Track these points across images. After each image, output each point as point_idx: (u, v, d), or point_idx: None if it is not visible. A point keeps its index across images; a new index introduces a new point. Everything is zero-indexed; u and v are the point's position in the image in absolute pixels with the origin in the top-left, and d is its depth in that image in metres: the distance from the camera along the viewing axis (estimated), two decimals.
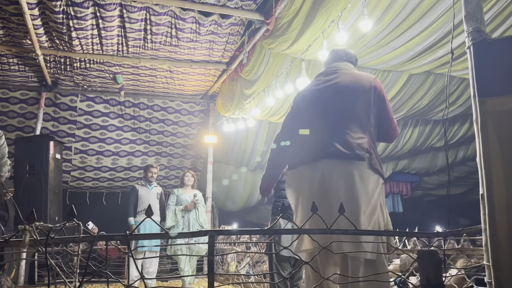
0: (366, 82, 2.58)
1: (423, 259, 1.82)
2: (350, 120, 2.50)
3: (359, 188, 2.35)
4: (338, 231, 1.95)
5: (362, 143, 2.42)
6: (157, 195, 6.17)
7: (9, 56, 5.98)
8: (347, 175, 2.38)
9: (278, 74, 5.32)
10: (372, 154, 2.41)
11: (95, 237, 1.65)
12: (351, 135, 2.45)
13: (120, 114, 7.62)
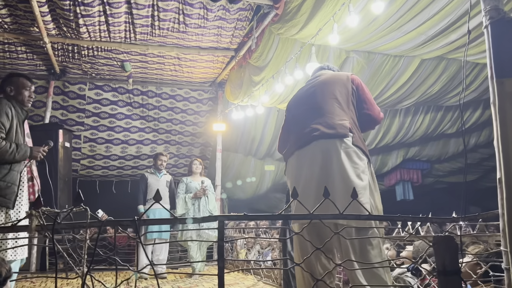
0: (343, 76, 2.83)
1: (439, 244, 1.76)
2: (332, 105, 2.70)
3: (345, 161, 2.48)
4: (350, 216, 1.90)
5: (344, 123, 2.58)
6: (167, 183, 6.19)
7: (17, 44, 5.96)
8: (334, 151, 2.53)
9: (288, 60, 5.24)
10: (355, 134, 2.57)
11: (103, 222, 1.62)
12: (334, 117, 2.63)
13: (129, 102, 7.60)
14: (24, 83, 3.34)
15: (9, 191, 3.00)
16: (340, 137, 2.54)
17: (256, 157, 9.52)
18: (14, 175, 3.07)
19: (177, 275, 6.07)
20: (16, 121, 3.20)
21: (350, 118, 2.65)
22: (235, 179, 9.72)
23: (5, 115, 3.09)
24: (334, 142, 2.55)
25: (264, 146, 9.02)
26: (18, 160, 3.09)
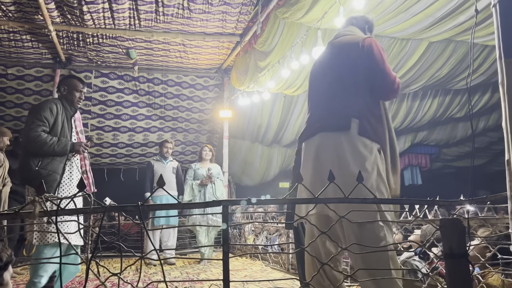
0: (354, 45, 2.55)
1: (447, 227, 1.74)
2: (338, 88, 2.54)
3: (349, 157, 2.35)
4: (356, 200, 1.89)
5: (348, 112, 2.43)
6: (173, 170, 6.23)
7: (22, 33, 5.96)
8: (338, 146, 2.41)
9: (293, 44, 5.19)
10: (363, 119, 2.41)
11: (107, 208, 1.61)
12: (336, 104, 2.50)
13: (135, 90, 7.59)
14: (76, 85, 3.55)
15: (50, 179, 3.23)
16: (342, 129, 2.42)
17: (263, 144, 9.50)
18: (56, 165, 3.30)
19: (185, 261, 6.11)
20: (62, 118, 3.42)
21: (357, 101, 2.47)
22: (242, 166, 9.73)
23: (48, 111, 3.33)
24: (336, 135, 2.44)
25: (271, 132, 9.00)
26: (58, 152, 3.30)
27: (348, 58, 2.56)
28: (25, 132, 3.31)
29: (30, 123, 3.29)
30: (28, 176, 3.25)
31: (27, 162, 3.26)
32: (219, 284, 4.12)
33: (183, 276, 4.87)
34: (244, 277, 4.61)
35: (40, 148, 3.24)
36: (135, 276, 4.84)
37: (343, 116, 2.43)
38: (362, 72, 2.49)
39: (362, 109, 2.45)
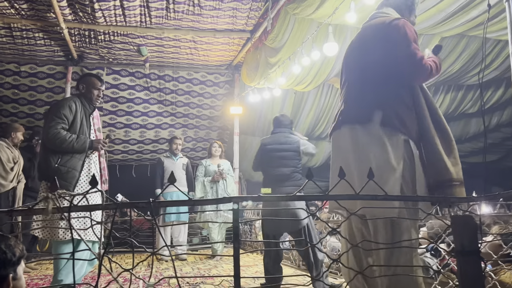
0: (382, 28, 2.43)
1: (458, 224, 1.73)
2: (365, 77, 2.44)
3: (371, 152, 2.28)
4: (367, 196, 1.88)
5: (374, 102, 2.34)
6: (183, 166, 6.27)
7: (35, 31, 6.02)
8: (359, 140, 2.34)
9: (304, 40, 5.17)
10: (389, 109, 2.30)
11: (118, 204, 1.63)
12: (364, 95, 2.40)
13: (146, 87, 7.64)
14: (95, 83, 3.59)
15: (69, 176, 3.29)
16: (364, 122, 2.33)
17: None
18: (75, 162, 3.35)
19: (197, 256, 6.15)
20: (81, 116, 3.46)
21: (383, 89, 2.36)
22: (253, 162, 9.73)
23: (68, 109, 3.38)
24: (358, 128, 2.36)
25: None
26: (77, 150, 3.35)
27: (374, 43, 2.45)
28: (45, 129, 3.36)
29: (50, 121, 3.34)
30: (47, 172, 3.30)
31: (47, 158, 3.31)
32: (230, 279, 4.14)
33: (195, 271, 4.90)
34: (255, 273, 4.62)
35: (59, 145, 3.29)
36: (147, 272, 4.88)
37: (366, 107, 2.35)
38: (389, 57, 2.36)
39: (388, 98, 2.34)
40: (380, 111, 2.30)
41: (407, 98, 2.35)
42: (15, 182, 5.31)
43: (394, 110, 2.30)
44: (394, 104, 2.32)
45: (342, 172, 1.81)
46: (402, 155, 2.27)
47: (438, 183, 2.31)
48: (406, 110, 2.33)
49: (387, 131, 2.28)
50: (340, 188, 1.90)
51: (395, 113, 2.30)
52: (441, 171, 2.31)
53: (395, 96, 2.34)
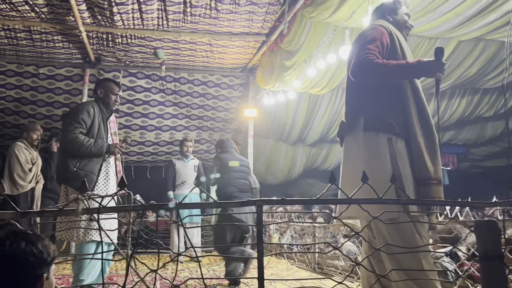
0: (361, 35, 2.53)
1: (481, 229, 1.73)
2: (347, 87, 2.59)
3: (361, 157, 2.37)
4: (389, 201, 1.89)
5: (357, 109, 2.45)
6: (194, 168, 6.32)
7: (54, 34, 6.12)
8: (351, 148, 2.46)
9: (320, 44, 5.19)
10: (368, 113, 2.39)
11: (146, 206, 1.66)
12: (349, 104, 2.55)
13: (162, 89, 7.70)
14: (113, 88, 3.67)
15: (87, 179, 3.30)
16: (352, 130, 2.46)
17: (287, 143, 9.52)
18: (93, 165, 3.42)
19: (211, 258, 6.17)
20: (98, 120, 3.53)
21: (361, 94, 2.46)
22: (267, 165, 9.76)
23: (86, 113, 3.45)
24: (350, 137, 2.50)
25: (296, 131, 9.01)
26: (94, 154, 3.42)
27: (352, 50, 2.59)
28: (64, 133, 3.43)
29: (68, 125, 3.40)
30: (66, 176, 3.36)
31: (66, 162, 3.37)
32: (246, 281, 4.17)
33: (210, 273, 4.93)
34: (270, 275, 4.64)
35: (77, 149, 3.35)
36: (163, 273, 4.92)
37: (352, 116, 2.48)
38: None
39: (365, 101, 2.43)
40: (361, 116, 2.40)
41: (382, 98, 2.40)
42: (33, 183, 5.39)
43: (374, 114, 2.38)
44: (372, 106, 2.40)
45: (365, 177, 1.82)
46: (387, 154, 2.32)
47: (423, 180, 2.34)
48: (386, 110, 2.37)
49: (369, 135, 2.37)
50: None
51: (375, 116, 2.37)
52: (421, 169, 2.33)
53: (372, 98, 2.42)
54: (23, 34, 6.07)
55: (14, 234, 1.44)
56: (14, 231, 1.47)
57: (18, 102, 7.22)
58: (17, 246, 1.40)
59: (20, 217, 1.78)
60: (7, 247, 1.39)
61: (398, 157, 2.32)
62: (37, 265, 1.42)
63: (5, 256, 1.38)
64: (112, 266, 5.32)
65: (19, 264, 1.39)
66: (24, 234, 1.46)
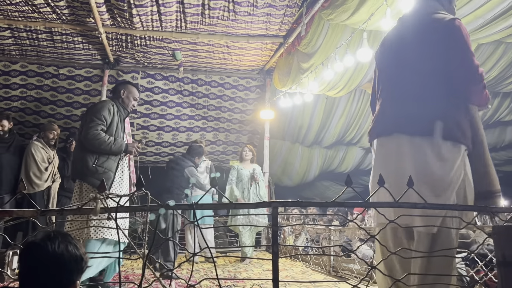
0: (436, 28, 2.25)
1: (500, 234, 1.71)
2: (417, 83, 2.28)
3: (433, 166, 2.17)
4: (406, 204, 1.88)
5: (433, 113, 2.20)
6: (206, 169, 6.38)
7: (74, 35, 6.22)
8: (420, 154, 2.21)
9: (338, 46, 5.17)
10: (450, 120, 2.18)
11: (163, 206, 1.68)
12: (419, 105, 2.25)
13: (179, 91, 7.76)
14: (135, 93, 3.82)
15: (105, 177, 3.40)
16: (424, 135, 2.20)
17: (303, 145, 9.50)
18: (111, 163, 3.49)
19: (226, 259, 6.19)
20: (117, 119, 3.62)
21: (442, 98, 2.22)
22: (283, 167, 9.75)
23: (107, 111, 3.54)
24: (418, 141, 2.22)
25: (312, 133, 8.99)
26: (114, 152, 3.50)
27: (428, 45, 2.28)
28: (85, 129, 3.47)
29: (90, 122, 3.46)
30: (84, 171, 3.42)
31: (84, 158, 3.42)
32: (260, 283, 4.17)
33: (225, 274, 4.95)
34: (285, 277, 4.64)
35: (98, 146, 3.41)
36: (178, 272, 4.95)
37: (425, 119, 2.21)
38: (451, 64, 2.21)
39: (448, 107, 2.22)
40: (441, 122, 2.19)
41: (463, 106, 2.26)
42: (49, 182, 5.47)
43: (456, 121, 2.20)
44: (455, 114, 2.22)
45: (381, 180, 1.82)
46: (462, 168, 2.20)
47: (486, 194, 2.25)
48: (465, 120, 2.24)
49: (448, 143, 2.19)
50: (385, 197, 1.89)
51: (456, 124, 2.20)
52: (492, 182, 2.26)
53: (454, 105, 2.23)
54: (44, 35, 6.19)
55: (62, 235, 1.46)
56: (60, 232, 1.49)
57: (39, 102, 7.35)
58: (65, 248, 1.41)
59: (40, 215, 1.81)
60: (56, 246, 1.40)
61: (468, 169, 2.25)
62: (75, 271, 1.43)
63: (52, 255, 1.39)
64: (128, 265, 5.37)
65: (61, 266, 1.39)
66: (70, 237, 1.47)
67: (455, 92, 2.25)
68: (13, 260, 4.41)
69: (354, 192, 1.84)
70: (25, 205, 4.89)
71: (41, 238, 1.44)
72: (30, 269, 1.39)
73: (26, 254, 1.42)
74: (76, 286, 1.44)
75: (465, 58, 2.19)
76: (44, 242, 1.40)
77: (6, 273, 2.21)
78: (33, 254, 1.40)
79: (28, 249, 1.43)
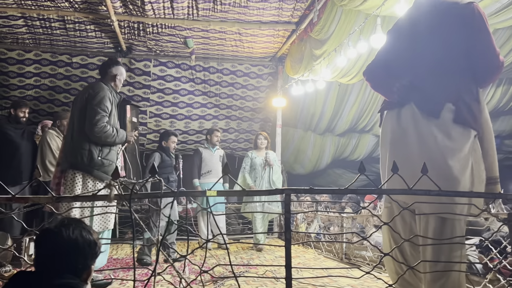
0: (454, 10, 2.22)
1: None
2: (432, 64, 2.25)
3: (442, 149, 2.15)
4: (419, 191, 1.87)
5: (445, 95, 2.18)
6: (220, 158, 6.39)
7: (87, 23, 6.24)
8: (428, 135, 2.19)
9: (351, 32, 5.11)
10: (461, 103, 2.16)
11: (177, 193, 1.69)
12: (432, 86, 2.22)
13: (191, 79, 7.77)
14: (124, 73, 3.81)
15: (110, 168, 3.45)
16: (434, 116, 2.18)
17: (315, 132, 9.45)
18: (113, 154, 3.54)
19: (238, 246, 6.23)
20: (113, 106, 3.60)
21: (455, 81, 2.20)
22: (295, 154, 9.73)
23: (108, 100, 3.52)
24: (427, 122, 2.20)
25: (324, 121, 8.94)
26: (117, 143, 3.56)
27: (448, 27, 2.24)
28: (91, 121, 3.42)
29: (95, 113, 3.42)
30: (91, 165, 3.41)
31: (90, 151, 3.40)
32: (273, 269, 4.20)
33: (237, 261, 4.99)
34: (297, 264, 4.66)
35: (105, 139, 3.42)
36: (191, 259, 5.00)
37: (436, 101, 2.19)
38: (469, 48, 2.18)
39: (460, 90, 2.19)
40: (452, 105, 2.16)
41: (474, 90, 2.23)
42: None
43: (467, 104, 2.17)
44: (466, 97, 2.19)
45: (395, 167, 1.80)
46: (471, 152, 2.18)
47: (490, 180, 2.25)
48: (477, 104, 2.21)
49: (459, 127, 2.16)
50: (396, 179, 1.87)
51: (467, 107, 2.16)
52: (494, 168, 2.26)
53: (466, 88, 2.21)
54: (57, 24, 6.22)
55: (75, 221, 1.49)
56: (73, 219, 1.52)
57: (53, 91, 7.42)
58: (79, 234, 1.44)
59: (55, 202, 1.84)
60: (70, 232, 1.43)
61: (477, 155, 2.22)
62: (89, 256, 1.46)
63: (67, 240, 1.42)
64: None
65: (77, 251, 1.43)
66: (83, 223, 1.51)
67: (470, 77, 2.22)
68: (30, 246, 4.49)
69: (366, 180, 1.84)
70: (40, 193, 4.96)
71: (55, 224, 1.47)
72: (46, 255, 1.42)
73: (41, 240, 1.45)
74: (91, 270, 1.47)
75: (488, 47, 2.17)
76: (59, 229, 1.44)
77: (23, 258, 2.28)
78: (49, 240, 1.43)
79: (44, 235, 1.46)
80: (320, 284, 3.47)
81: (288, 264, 1.72)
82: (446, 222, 2.15)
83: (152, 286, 2.00)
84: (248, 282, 3.67)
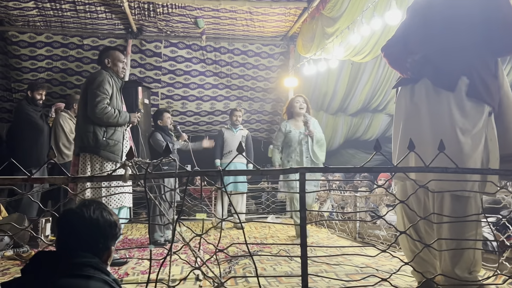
0: None
1: None
2: (450, 38, 2.21)
3: (455, 123, 2.13)
4: (436, 169, 1.84)
5: (460, 68, 2.15)
6: (242, 138, 6.35)
7: (97, 4, 6.21)
8: (441, 108, 2.17)
9: (364, 9, 5.01)
10: (476, 77, 2.12)
11: (191, 172, 1.69)
12: (448, 59, 2.19)
13: (202, 59, 7.73)
14: (119, 56, 3.76)
15: (116, 148, 3.52)
16: (448, 89, 2.15)
17: (328, 112, 9.38)
18: (119, 134, 3.59)
19: (252, 225, 6.26)
20: (115, 89, 3.65)
21: (471, 54, 2.16)
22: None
23: (107, 83, 3.56)
24: (441, 94, 2.18)
25: (337, 101, 8.85)
26: (120, 124, 3.60)
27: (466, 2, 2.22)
28: (92, 104, 3.50)
29: (95, 96, 3.50)
30: (97, 145, 3.49)
31: (95, 132, 3.50)
32: (287, 248, 4.21)
33: (251, 240, 5.01)
34: (311, 243, 4.67)
35: (107, 120, 3.50)
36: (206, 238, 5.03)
37: (451, 73, 2.16)
38: (487, 20, 2.15)
39: (476, 64, 2.16)
40: (466, 78, 2.14)
41: (492, 65, 2.20)
42: None
43: (481, 78, 2.13)
44: (481, 71, 2.15)
45: (412, 145, 1.78)
46: (485, 128, 2.15)
47: (506, 157, 2.22)
48: (492, 79, 2.17)
49: (473, 102, 2.13)
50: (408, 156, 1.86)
51: (482, 81, 2.13)
52: (510, 145, 2.22)
53: (482, 62, 2.17)
54: (67, 6, 6.20)
55: (96, 202, 1.50)
56: (94, 200, 1.54)
57: (64, 73, 7.44)
58: (100, 214, 1.46)
59: (71, 182, 1.85)
60: (91, 213, 1.45)
61: (495, 132, 2.20)
62: (110, 237, 1.47)
63: (88, 221, 1.44)
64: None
65: (97, 232, 1.44)
66: (103, 204, 1.52)
67: (487, 52, 2.19)
68: (46, 227, 4.56)
69: (379, 160, 1.81)
70: (55, 174, 5.01)
71: (76, 205, 1.48)
72: (67, 234, 1.43)
73: (63, 221, 1.46)
74: (111, 251, 1.48)
75: (508, 14, 2.13)
76: (80, 209, 1.45)
77: (41, 238, 2.32)
78: (70, 221, 1.44)
79: (65, 216, 1.47)
80: (334, 263, 3.48)
81: (304, 243, 1.72)
82: (461, 200, 2.12)
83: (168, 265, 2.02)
84: (262, 261, 3.69)
